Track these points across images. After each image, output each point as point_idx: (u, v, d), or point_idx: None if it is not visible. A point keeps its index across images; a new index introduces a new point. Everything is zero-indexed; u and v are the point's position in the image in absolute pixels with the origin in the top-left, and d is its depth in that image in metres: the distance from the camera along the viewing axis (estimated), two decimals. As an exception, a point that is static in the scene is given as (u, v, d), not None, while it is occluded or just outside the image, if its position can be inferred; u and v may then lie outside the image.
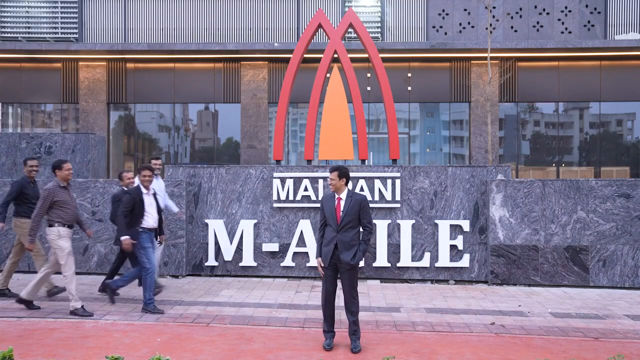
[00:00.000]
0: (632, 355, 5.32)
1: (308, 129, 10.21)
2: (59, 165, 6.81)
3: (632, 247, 8.56)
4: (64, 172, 6.79)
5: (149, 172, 6.99)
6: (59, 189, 6.76)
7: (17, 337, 5.68)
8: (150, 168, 7.11)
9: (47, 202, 6.64)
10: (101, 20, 17.35)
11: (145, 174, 6.94)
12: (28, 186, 7.52)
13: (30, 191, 7.52)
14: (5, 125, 17.69)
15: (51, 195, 6.66)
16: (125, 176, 7.70)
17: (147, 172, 6.97)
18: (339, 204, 5.55)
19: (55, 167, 6.84)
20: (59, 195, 6.71)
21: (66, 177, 6.82)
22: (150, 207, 6.97)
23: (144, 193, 6.94)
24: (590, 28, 16.77)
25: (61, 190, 6.77)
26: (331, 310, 5.58)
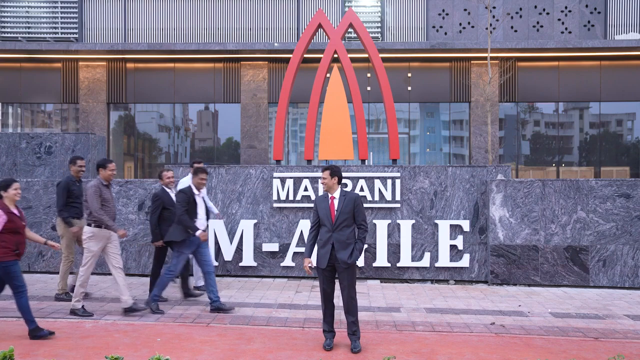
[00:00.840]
0: (632, 355, 5.32)
1: (308, 129, 10.21)
2: (104, 165, 6.73)
3: (632, 247, 8.56)
4: (108, 171, 6.72)
5: (206, 174, 6.92)
6: (103, 187, 6.68)
7: (17, 337, 5.68)
8: (207, 170, 7.01)
9: (98, 196, 6.54)
10: (101, 20, 17.35)
11: (203, 176, 6.85)
12: (74, 185, 7.42)
13: (76, 190, 7.42)
14: (5, 125, 17.69)
15: (99, 190, 6.57)
16: (165, 175, 7.57)
17: (205, 175, 6.87)
18: (333, 203, 5.55)
19: (100, 165, 6.75)
20: (103, 193, 6.64)
21: (109, 176, 6.75)
22: (200, 209, 6.91)
23: (195, 195, 6.86)
24: (590, 28, 16.77)
25: (105, 189, 6.70)
26: (330, 310, 5.58)
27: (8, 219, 5.57)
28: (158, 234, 7.34)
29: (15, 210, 5.72)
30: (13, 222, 5.61)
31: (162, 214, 7.36)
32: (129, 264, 9.08)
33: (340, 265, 5.47)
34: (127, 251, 9.09)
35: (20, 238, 5.68)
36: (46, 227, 9.16)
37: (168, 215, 7.32)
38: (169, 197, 7.45)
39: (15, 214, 5.69)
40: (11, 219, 5.60)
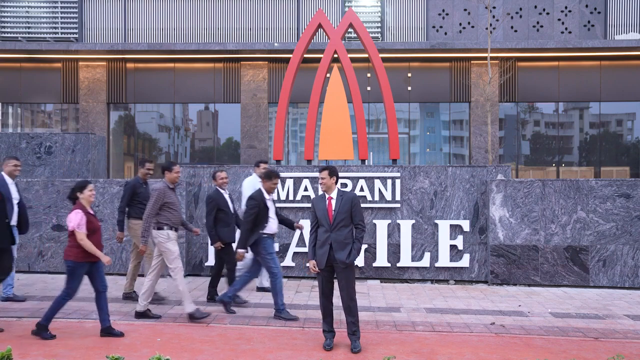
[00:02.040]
0: (632, 355, 5.32)
1: (308, 129, 10.21)
2: (169, 167, 6.65)
3: (632, 247, 8.56)
4: (173, 174, 6.64)
5: (278, 179, 6.79)
6: (169, 190, 6.60)
7: (17, 337, 5.68)
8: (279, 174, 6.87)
9: (158, 202, 6.46)
10: (101, 20, 17.35)
11: (276, 181, 6.72)
12: (140, 187, 7.37)
13: (142, 192, 7.37)
14: (5, 125, 17.69)
15: (162, 196, 6.49)
16: (219, 176, 7.44)
17: (277, 180, 6.75)
18: (330, 203, 5.56)
19: (165, 168, 6.67)
20: (168, 196, 6.55)
21: (175, 179, 6.67)
22: (272, 213, 6.76)
23: (267, 199, 6.69)
24: (590, 28, 16.77)
25: (170, 192, 6.61)
26: (330, 310, 5.58)
27: (87, 219, 5.66)
28: (215, 236, 7.26)
29: (91, 211, 5.83)
30: (91, 223, 5.71)
31: (217, 215, 7.26)
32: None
33: (338, 266, 5.47)
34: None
35: (96, 238, 5.77)
36: (46, 227, 9.16)
37: (223, 216, 7.25)
38: (224, 199, 7.35)
39: (92, 215, 5.80)
40: (90, 219, 5.70)
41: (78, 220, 5.61)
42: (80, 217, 5.63)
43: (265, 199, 6.65)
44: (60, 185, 9.17)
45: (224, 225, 7.27)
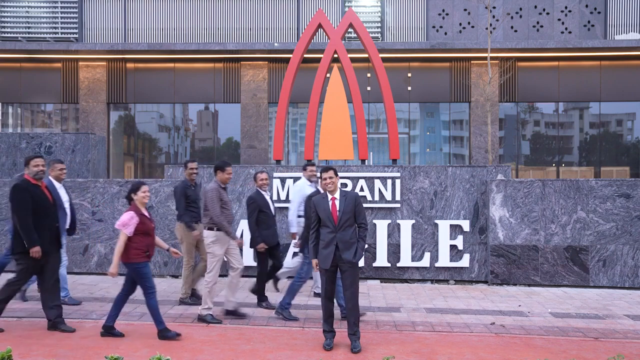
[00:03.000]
0: (632, 355, 5.32)
1: (308, 129, 10.21)
2: (222, 168, 6.57)
3: (632, 247, 8.56)
4: (226, 175, 6.56)
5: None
6: (222, 190, 6.53)
7: (17, 337, 5.68)
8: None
9: (217, 199, 6.40)
10: (101, 20, 17.35)
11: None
12: (189, 189, 7.24)
13: (192, 194, 7.24)
14: (5, 125, 17.69)
15: (218, 193, 6.42)
16: (259, 177, 7.26)
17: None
18: (334, 203, 5.56)
19: (218, 168, 6.59)
20: (222, 196, 6.48)
21: (227, 180, 6.60)
22: None
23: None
24: (590, 28, 16.77)
25: (223, 192, 6.54)
26: (331, 311, 5.59)
27: (140, 221, 5.66)
28: (258, 238, 7.09)
29: (146, 213, 5.81)
30: (144, 224, 5.70)
31: (259, 217, 7.09)
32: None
33: (344, 265, 5.48)
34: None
35: (150, 240, 5.76)
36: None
37: (264, 218, 7.09)
38: (264, 200, 7.19)
39: (146, 216, 5.78)
40: (142, 221, 5.69)
41: (125, 221, 5.62)
42: (128, 218, 5.63)
43: None
44: (60, 185, 9.15)
45: (266, 228, 7.07)
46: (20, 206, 5.82)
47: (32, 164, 5.96)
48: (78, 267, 9.16)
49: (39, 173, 5.97)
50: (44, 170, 6.04)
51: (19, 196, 5.84)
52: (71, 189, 9.13)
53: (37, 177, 5.97)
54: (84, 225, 9.05)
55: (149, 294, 5.70)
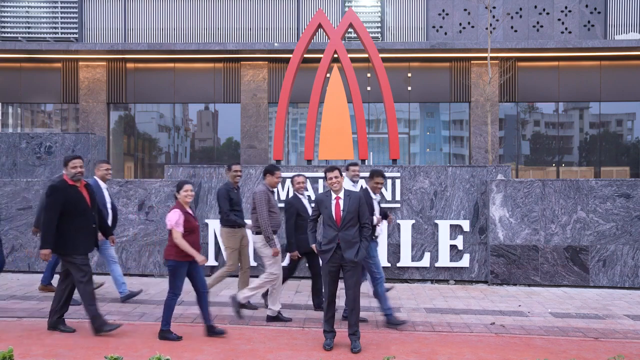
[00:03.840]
0: (632, 355, 5.32)
1: (308, 129, 10.20)
2: (272, 171, 6.53)
3: (632, 247, 8.56)
4: (275, 178, 6.53)
5: (383, 179, 6.52)
6: (270, 194, 6.45)
7: (17, 337, 5.68)
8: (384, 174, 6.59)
9: (266, 204, 6.33)
10: (101, 20, 17.35)
11: (379, 180, 6.45)
12: (232, 192, 7.10)
13: (235, 197, 7.11)
14: (5, 125, 17.69)
15: (268, 197, 6.36)
16: (296, 180, 7.03)
17: (381, 180, 6.49)
18: (338, 203, 5.56)
19: (267, 171, 6.55)
20: (270, 199, 6.42)
21: (275, 183, 6.56)
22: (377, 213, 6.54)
23: (373, 199, 6.49)
24: (590, 28, 16.77)
25: (271, 196, 6.48)
26: (332, 311, 5.59)
27: (185, 219, 5.67)
28: (294, 244, 6.86)
29: (190, 211, 5.82)
30: (189, 222, 5.71)
31: (296, 221, 6.84)
32: (129, 264, 9.08)
33: (347, 266, 5.49)
34: (127, 251, 9.09)
35: (194, 238, 5.75)
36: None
37: (302, 223, 6.81)
38: (302, 204, 6.98)
39: (190, 215, 5.78)
40: (187, 219, 5.70)
41: (176, 219, 5.63)
42: (177, 216, 5.64)
43: (371, 199, 6.42)
44: (60, 185, 9.15)
45: (303, 233, 6.74)
46: (49, 206, 5.79)
47: (71, 165, 5.89)
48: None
49: (77, 174, 5.91)
50: (83, 171, 5.99)
51: (51, 197, 5.81)
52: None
53: (75, 178, 5.92)
54: (84, 225, 9.04)
55: (173, 294, 5.69)
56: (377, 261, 6.47)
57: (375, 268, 6.42)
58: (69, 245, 5.81)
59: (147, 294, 7.78)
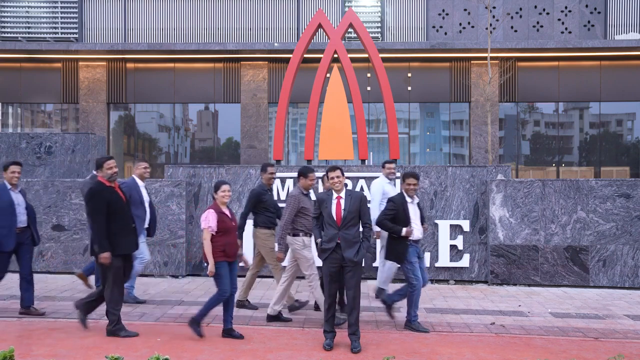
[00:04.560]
0: (632, 355, 5.32)
1: (308, 129, 10.20)
2: (305, 173, 6.42)
3: (632, 247, 8.56)
4: (308, 181, 6.40)
5: (414, 179, 6.25)
6: (303, 197, 6.37)
7: (17, 337, 5.68)
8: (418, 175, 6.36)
9: (294, 209, 6.26)
10: (101, 20, 17.36)
11: (410, 182, 6.24)
12: (266, 194, 6.96)
13: (269, 199, 6.99)
14: (5, 125, 17.69)
15: (298, 202, 6.28)
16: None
17: (413, 180, 6.24)
18: (339, 202, 5.56)
19: (301, 174, 6.45)
20: (304, 202, 6.32)
21: (309, 186, 6.44)
22: (414, 217, 6.27)
23: (408, 202, 6.27)
24: (590, 28, 16.77)
25: (305, 198, 6.38)
26: (333, 311, 5.59)
27: (218, 219, 5.64)
28: None
29: (227, 211, 5.78)
30: (223, 223, 5.66)
31: None
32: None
33: (348, 266, 5.49)
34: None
35: (229, 239, 5.70)
36: (46, 227, 9.16)
37: None
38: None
39: (226, 215, 5.74)
40: (221, 219, 5.66)
41: (209, 220, 5.63)
42: (211, 217, 5.63)
43: (406, 202, 6.24)
44: (60, 186, 9.17)
45: None
46: (95, 210, 5.76)
47: (106, 166, 5.87)
48: (78, 267, 9.15)
49: (113, 175, 5.89)
50: (117, 171, 5.98)
51: (93, 200, 5.78)
52: (71, 189, 9.14)
53: (112, 179, 5.90)
54: (83, 225, 9.05)
55: (218, 294, 5.66)
56: (414, 267, 6.21)
57: (411, 274, 6.20)
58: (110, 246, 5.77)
59: (147, 294, 7.78)
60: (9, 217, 6.40)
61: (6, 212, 6.40)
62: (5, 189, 6.50)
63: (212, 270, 5.63)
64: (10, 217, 6.41)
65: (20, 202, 6.57)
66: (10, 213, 6.42)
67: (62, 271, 9.12)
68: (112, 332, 5.74)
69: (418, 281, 6.19)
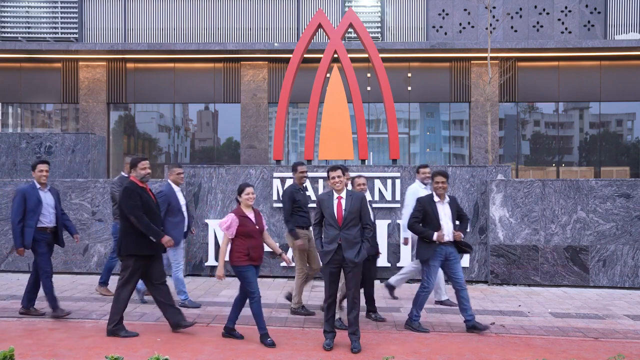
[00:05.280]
0: (632, 355, 5.32)
1: (308, 129, 10.20)
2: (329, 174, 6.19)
3: (632, 247, 8.56)
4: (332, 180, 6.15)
5: (442, 177, 6.14)
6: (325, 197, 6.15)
7: (17, 337, 5.68)
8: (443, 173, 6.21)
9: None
10: (101, 20, 17.35)
11: (438, 179, 6.13)
12: (298, 193, 6.93)
13: (301, 198, 6.95)
14: (5, 125, 17.69)
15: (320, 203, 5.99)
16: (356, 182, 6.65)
17: (440, 178, 6.14)
18: (340, 203, 5.56)
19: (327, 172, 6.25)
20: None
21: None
22: (444, 218, 6.13)
23: (436, 202, 6.18)
24: (590, 28, 16.77)
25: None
26: (333, 311, 5.59)
27: (240, 223, 5.59)
28: None
29: (251, 214, 5.71)
30: (245, 226, 5.61)
31: None
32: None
33: (347, 266, 5.48)
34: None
35: (252, 242, 5.61)
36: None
37: None
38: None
39: (249, 218, 5.67)
40: (243, 223, 5.61)
41: (227, 223, 5.61)
42: (229, 221, 5.61)
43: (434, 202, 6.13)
44: (60, 186, 9.16)
45: None
46: (134, 208, 5.79)
47: (140, 166, 5.90)
48: (78, 267, 9.17)
49: (146, 176, 5.91)
50: (150, 172, 5.99)
51: (130, 198, 5.79)
52: (71, 188, 9.14)
53: (144, 179, 5.92)
54: (84, 225, 9.06)
55: (250, 299, 5.62)
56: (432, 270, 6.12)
57: (427, 275, 6.14)
58: (132, 244, 5.79)
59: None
60: (37, 216, 6.37)
61: (34, 212, 6.37)
62: (34, 188, 6.47)
63: (220, 274, 5.66)
64: (37, 216, 6.38)
65: (50, 201, 6.52)
66: (38, 213, 6.38)
67: (62, 271, 9.12)
68: (112, 331, 5.74)
69: (429, 285, 6.15)
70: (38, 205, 6.39)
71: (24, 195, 6.35)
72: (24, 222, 6.33)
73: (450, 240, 6.16)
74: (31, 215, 6.35)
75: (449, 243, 6.16)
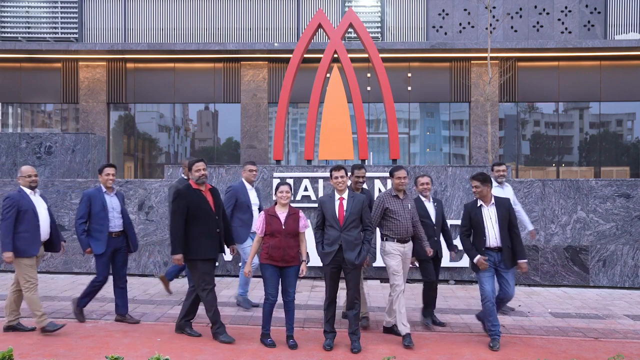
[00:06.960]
0: (632, 355, 5.32)
1: (308, 129, 10.20)
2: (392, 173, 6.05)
3: (632, 247, 8.56)
4: (395, 180, 5.98)
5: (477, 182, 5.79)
6: (390, 198, 5.95)
7: (18, 337, 5.68)
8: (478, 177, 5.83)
9: (378, 210, 5.92)
10: (101, 20, 17.36)
11: (473, 184, 5.82)
12: None
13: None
14: (5, 125, 17.69)
15: (382, 204, 5.92)
16: (419, 181, 6.60)
17: (475, 182, 5.80)
18: (342, 203, 5.55)
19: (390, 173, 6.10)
20: (390, 203, 5.91)
21: (398, 185, 5.97)
22: (491, 222, 5.75)
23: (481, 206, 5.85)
24: (590, 28, 16.77)
25: (393, 200, 5.94)
26: (333, 311, 5.59)
27: (266, 222, 5.57)
28: None
29: (283, 214, 5.58)
30: (270, 225, 5.54)
31: None
32: (129, 264, 9.05)
33: (347, 267, 5.48)
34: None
35: (275, 242, 5.50)
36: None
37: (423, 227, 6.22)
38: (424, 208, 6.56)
39: (277, 218, 5.55)
40: (268, 222, 5.56)
41: (258, 223, 5.62)
42: (259, 219, 5.62)
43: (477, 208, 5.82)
44: (60, 186, 9.16)
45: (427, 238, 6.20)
46: (173, 211, 5.78)
47: (195, 168, 5.85)
48: (78, 267, 9.17)
49: (201, 177, 5.85)
50: (206, 174, 5.92)
51: (175, 202, 5.79)
52: (71, 189, 9.14)
53: (200, 181, 5.86)
54: (84, 225, 9.05)
55: (265, 298, 5.60)
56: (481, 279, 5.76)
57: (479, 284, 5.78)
58: (190, 249, 5.75)
59: (147, 293, 7.78)
60: (103, 221, 6.29)
61: (100, 216, 6.29)
62: (100, 192, 6.41)
63: (246, 270, 5.72)
64: (103, 221, 6.30)
65: (115, 206, 6.45)
66: (104, 217, 6.29)
67: (62, 271, 9.13)
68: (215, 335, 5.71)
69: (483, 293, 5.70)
70: (104, 209, 6.32)
71: (90, 199, 6.31)
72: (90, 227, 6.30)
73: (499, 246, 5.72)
74: (96, 219, 6.29)
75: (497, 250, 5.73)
